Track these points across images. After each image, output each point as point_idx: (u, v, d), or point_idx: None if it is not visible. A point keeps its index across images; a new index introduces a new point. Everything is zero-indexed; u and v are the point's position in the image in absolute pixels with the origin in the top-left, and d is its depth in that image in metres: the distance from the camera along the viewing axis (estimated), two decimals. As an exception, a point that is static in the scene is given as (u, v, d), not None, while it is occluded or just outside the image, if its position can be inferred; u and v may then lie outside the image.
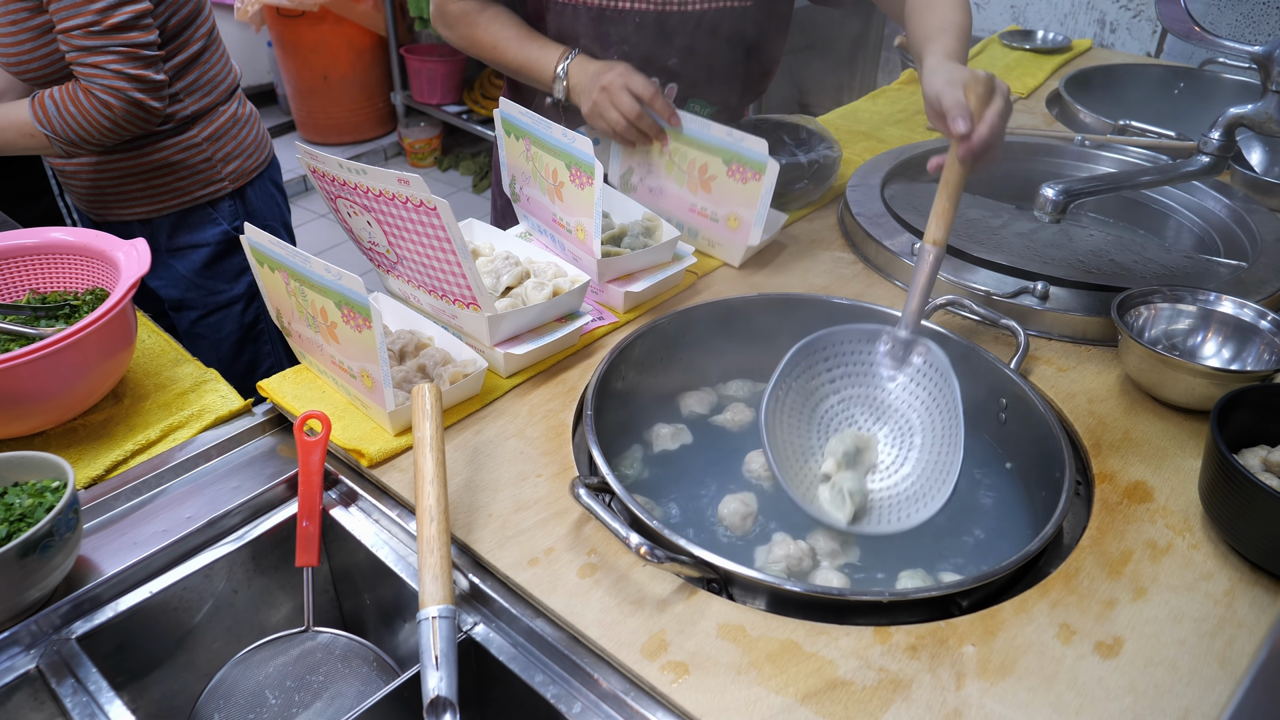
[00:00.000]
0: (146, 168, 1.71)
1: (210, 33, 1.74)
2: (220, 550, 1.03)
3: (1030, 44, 2.60)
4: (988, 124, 1.08)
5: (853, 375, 1.14)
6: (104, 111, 1.52)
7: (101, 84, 1.50)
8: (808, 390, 1.13)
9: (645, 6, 1.47)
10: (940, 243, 1.09)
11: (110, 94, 1.50)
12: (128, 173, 1.71)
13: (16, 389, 1.05)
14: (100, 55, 1.49)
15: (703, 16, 1.49)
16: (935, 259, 1.09)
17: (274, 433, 1.18)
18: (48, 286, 1.29)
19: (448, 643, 0.80)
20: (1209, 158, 1.28)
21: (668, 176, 1.47)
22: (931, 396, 1.10)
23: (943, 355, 1.09)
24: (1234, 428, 1.01)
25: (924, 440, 1.09)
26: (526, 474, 1.05)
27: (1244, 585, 0.92)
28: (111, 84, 1.50)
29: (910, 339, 1.12)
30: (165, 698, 1.02)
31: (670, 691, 0.81)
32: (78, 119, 1.52)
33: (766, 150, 1.31)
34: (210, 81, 1.73)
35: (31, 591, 0.90)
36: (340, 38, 4.57)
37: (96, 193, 1.74)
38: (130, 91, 1.52)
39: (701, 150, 1.40)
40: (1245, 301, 1.21)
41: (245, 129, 1.83)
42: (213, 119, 1.75)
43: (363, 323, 1.01)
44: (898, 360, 1.13)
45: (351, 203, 1.16)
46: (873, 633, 0.86)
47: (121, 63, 1.50)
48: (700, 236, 1.48)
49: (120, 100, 1.51)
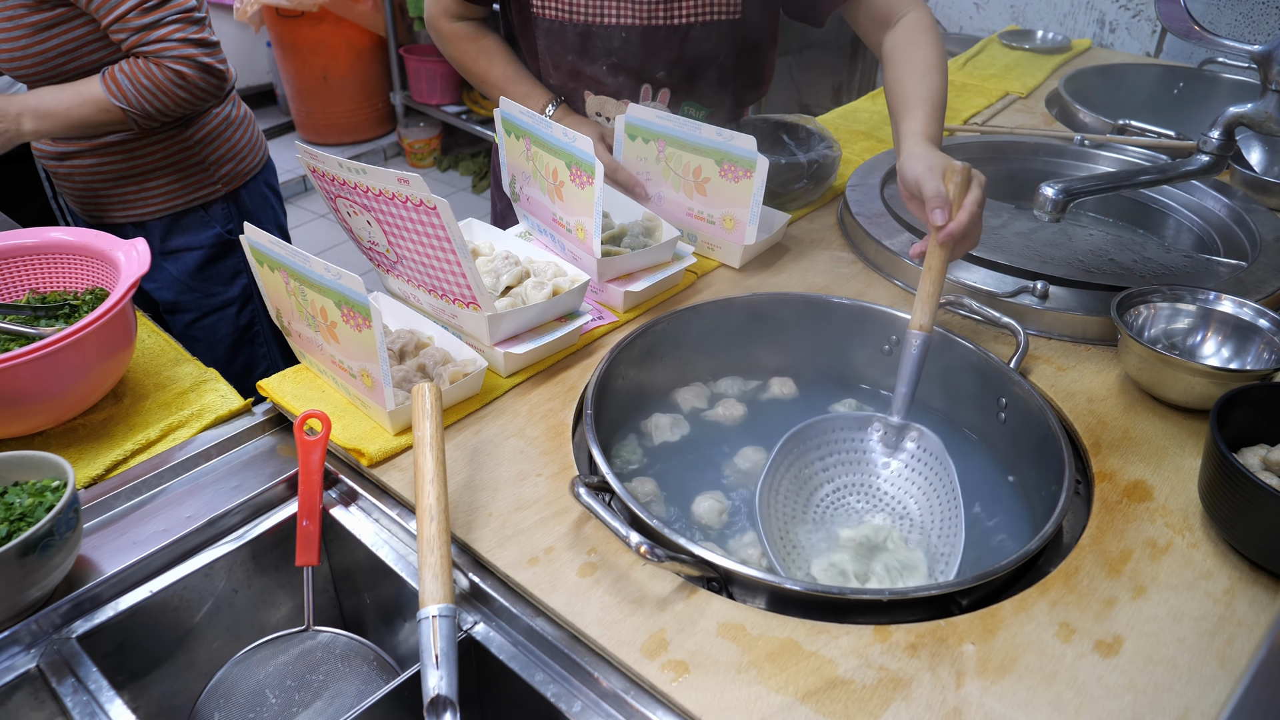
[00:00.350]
0: (140, 169, 1.71)
1: None
2: (220, 550, 1.03)
3: (1030, 44, 2.61)
4: (966, 211, 1.13)
5: (846, 463, 1.13)
6: (178, 81, 1.55)
7: (173, 54, 1.53)
8: (801, 479, 1.11)
9: (631, 21, 1.47)
10: (927, 329, 1.10)
11: (182, 63, 1.54)
12: (121, 174, 1.71)
13: (16, 389, 1.05)
14: (162, 28, 1.52)
15: (689, 30, 1.49)
16: (923, 345, 1.10)
17: (274, 432, 1.18)
18: (47, 286, 1.29)
19: (448, 642, 0.80)
20: (1208, 157, 1.28)
21: (665, 182, 1.46)
22: (928, 481, 1.08)
23: (936, 439, 1.08)
24: (1233, 427, 1.01)
25: (924, 526, 1.07)
26: (526, 473, 1.05)
27: (1243, 584, 0.92)
28: (181, 53, 1.54)
29: (902, 425, 1.11)
30: (165, 697, 1.02)
31: (670, 690, 0.81)
32: (154, 92, 1.55)
33: (755, 147, 1.31)
34: None
35: (32, 591, 0.90)
36: (339, 38, 4.57)
37: (90, 195, 1.74)
38: (200, 57, 1.56)
39: (694, 153, 1.39)
40: (1245, 300, 1.21)
41: (239, 131, 1.83)
42: (206, 120, 1.75)
43: (362, 322, 1.01)
44: (891, 446, 1.12)
45: (351, 202, 1.16)
46: (873, 631, 0.86)
47: (184, 28, 1.54)
48: (700, 240, 1.48)
49: (193, 68, 1.55)
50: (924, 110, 1.32)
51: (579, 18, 1.46)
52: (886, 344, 1.29)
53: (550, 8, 1.47)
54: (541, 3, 1.48)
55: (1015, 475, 1.17)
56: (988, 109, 2.20)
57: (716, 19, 1.49)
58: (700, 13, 1.48)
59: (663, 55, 1.51)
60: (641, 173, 1.48)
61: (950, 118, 2.13)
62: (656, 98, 1.54)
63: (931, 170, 1.17)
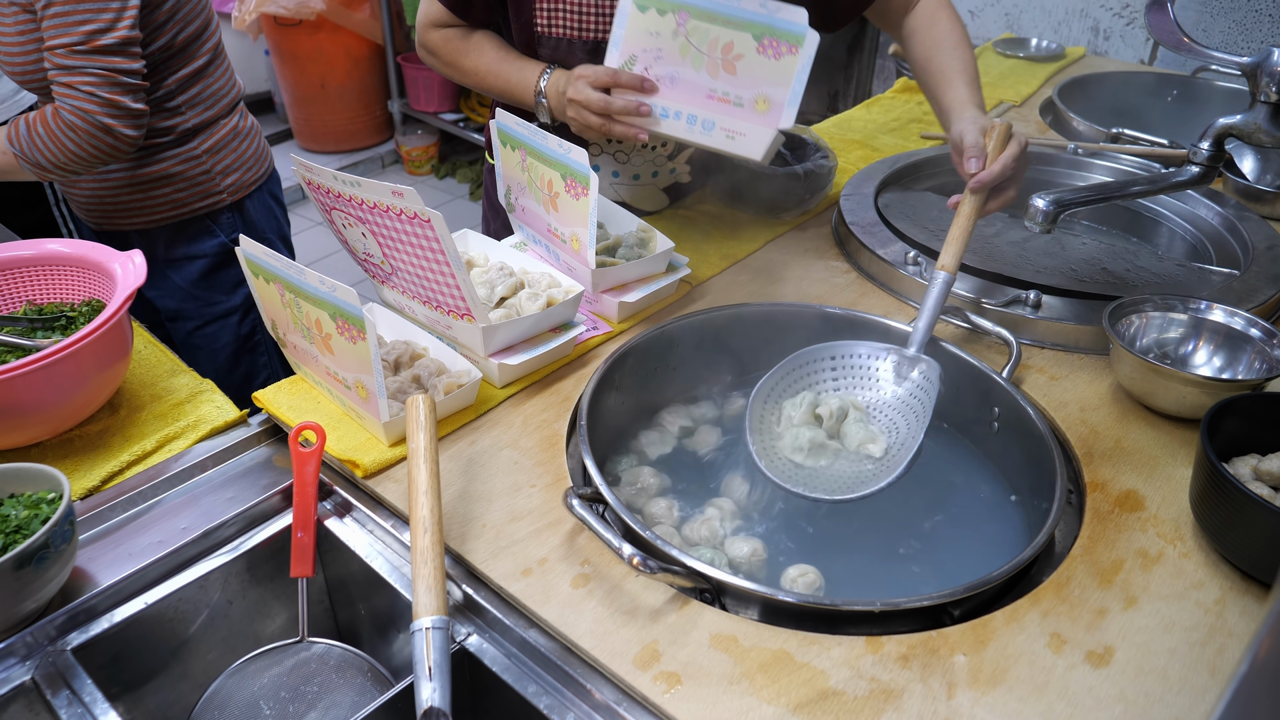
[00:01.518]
0: (146, 179, 1.71)
1: (216, 47, 1.75)
2: (215, 561, 1.04)
3: (1024, 52, 2.62)
4: (1000, 163, 1.21)
5: (856, 382, 1.20)
6: (69, 134, 1.49)
7: (71, 104, 1.48)
8: (805, 384, 1.19)
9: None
10: (949, 268, 1.17)
11: (77, 115, 1.48)
12: (126, 183, 1.71)
13: (13, 400, 1.05)
14: (76, 75, 1.47)
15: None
16: (944, 283, 1.17)
17: (269, 444, 1.19)
18: (44, 298, 1.30)
19: (441, 653, 0.80)
20: (1199, 168, 1.29)
21: (683, 62, 1.31)
22: (921, 405, 1.13)
23: (937, 368, 1.14)
24: (1224, 436, 1.01)
25: (897, 436, 1.13)
26: (520, 484, 1.05)
27: (1234, 594, 0.93)
28: (80, 105, 1.48)
29: (915, 357, 1.17)
30: (160, 708, 1.03)
31: (663, 702, 0.81)
32: (45, 141, 1.50)
33: (805, 20, 1.22)
34: (213, 95, 1.74)
35: (27, 603, 0.91)
36: (337, 46, 4.58)
37: (96, 202, 1.75)
38: (98, 115, 1.48)
39: (727, 26, 1.25)
40: (1236, 310, 1.22)
41: (246, 142, 1.83)
42: (214, 131, 1.76)
43: (357, 334, 1.01)
44: (901, 376, 1.18)
45: (346, 214, 1.16)
46: (864, 642, 0.86)
47: (96, 85, 1.48)
48: (718, 129, 1.32)
49: (85, 124, 1.48)
50: (964, 80, 1.38)
51: (588, 34, 1.43)
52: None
53: (558, 26, 1.44)
54: (547, 21, 1.44)
55: (1007, 484, 1.17)
56: (982, 117, 2.20)
57: None
58: None
59: None
60: (650, 50, 1.32)
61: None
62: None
63: (974, 126, 1.25)
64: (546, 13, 1.43)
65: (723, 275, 1.48)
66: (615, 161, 1.57)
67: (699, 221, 1.65)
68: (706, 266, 1.50)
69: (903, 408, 1.15)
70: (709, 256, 1.53)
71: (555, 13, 1.42)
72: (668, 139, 1.40)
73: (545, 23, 1.44)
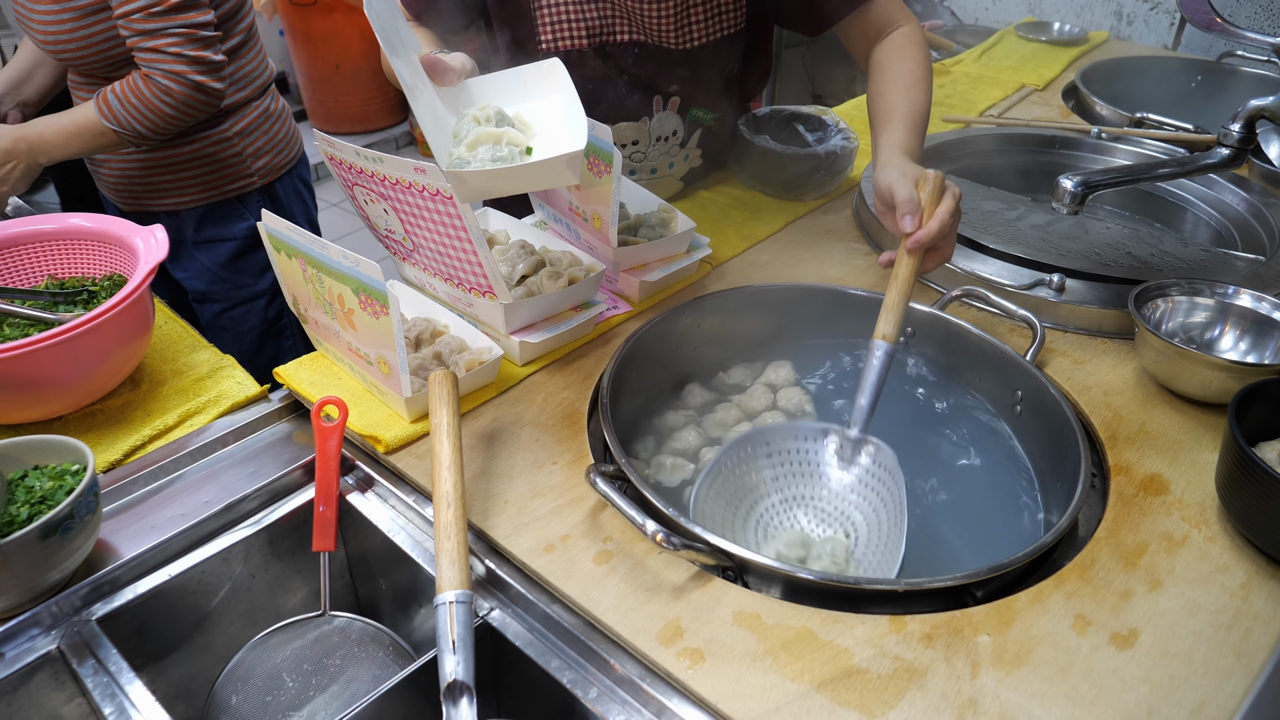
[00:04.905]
0: (177, 160, 1.71)
1: (250, 27, 1.74)
2: (238, 535, 1.04)
3: (1046, 36, 2.59)
4: (937, 220, 1.10)
5: (796, 475, 1.09)
6: (165, 99, 1.52)
7: (162, 69, 1.50)
8: (746, 487, 1.07)
9: (642, 38, 1.43)
10: (891, 339, 1.06)
11: (171, 79, 1.51)
12: (158, 164, 1.71)
13: (36, 374, 1.06)
14: (160, 38, 1.49)
15: (700, 50, 1.46)
16: (886, 354, 1.06)
17: (290, 419, 1.19)
18: (66, 272, 1.30)
19: (464, 627, 0.80)
20: (1229, 150, 1.28)
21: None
22: (879, 496, 1.05)
23: (891, 454, 1.05)
24: (1251, 421, 1.00)
25: (867, 540, 1.03)
26: (542, 461, 1.05)
27: (1260, 578, 0.92)
28: (172, 68, 1.51)
29: (860, 438, 1.07)
30: (184, 679, 1.03)
31: (686, 678, 0.81)
32: (141, 110, 1.52)
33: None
34: (247, 75, 1.73)
35: (52, 573, 0.91)
36: (352, 27, 4.57)
37: (125, 182, 1.75)
38: (190, 75, 1.52)
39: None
40: (1263, 295, 1.21)
41: (277, 124, 1.83)
42: (246, 113, 1.75)
43: (380, 309, 1.01)
44: (846, 460, 1.08)
45: (369, 190, 1.16)
46: (888, 621, 0.86)
47: (181, 44, 1.50)
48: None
49: (181, 85, 1.52)
50: (904, 125, 1.29)
51: (594, 40, 1.41)
52: (901, 335, 1.29)
53: (563, 39, 1.40)
54: (552, 36, 1.40)
55: (1031, 467, 1.17)
56: (1004, 101, 2.19)
57: (725, 34, 1.47)
58: (710, 32, 1.46)
59: (676, 72, 1.48)
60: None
61: (965, 109, 2.12)
62: (667, 106, 1.53)
63: (905, 177, 1.15)
64: (551, 28, 1.40)
65: (743, 256, 1.48)
66: (632, 161, 1.56)
67: (719, 202, 1.65)
68: (727, 247, 1.49)
69: (856, 499, 1.07)
70: (729, 237, 1.52)
71: (560, 25, 1.39)
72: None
73: (550, 38, 1.40)
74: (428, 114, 1.06)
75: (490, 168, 1.01)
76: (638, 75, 1.47)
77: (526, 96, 1.14)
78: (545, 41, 1.41)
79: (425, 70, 1.10)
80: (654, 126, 1.52)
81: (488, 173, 1.00)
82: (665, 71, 1.47)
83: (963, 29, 3.07)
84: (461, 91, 1.13)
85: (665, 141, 1.56)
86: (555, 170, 1.01)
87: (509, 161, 1.04)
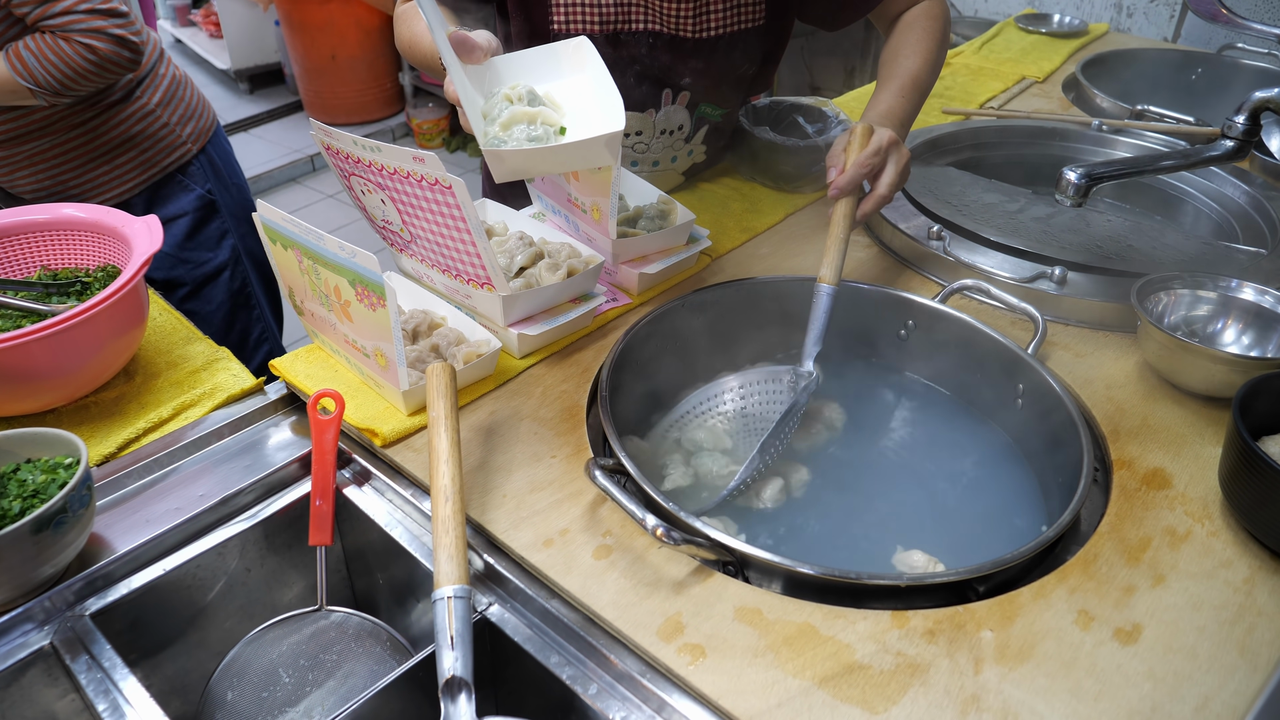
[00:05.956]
0: (108, 147, 1.67)
1: None
2: (233, 529, 1.03)
3: (1046, 27, 2.58)
4: (855, 166, 1.19)
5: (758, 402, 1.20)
6: (89, 55, 1.47)
7: (81, 27, 1.46)
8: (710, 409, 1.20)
9: (659, 28, 1.42)
10: (829, 280, 1.15)
11: (92, 36, 1.47)
12: (90, 155, 1.67)
13: (29, 366, 1.04)
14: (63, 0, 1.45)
15: (717, 41, 1.45)
16: (828, 296, 1.15)
17: (286, 412, 1.18)
18: (59, 263, 1.29)
19: (463, 623, 0.79)
20: (1233, 142, 1.27)
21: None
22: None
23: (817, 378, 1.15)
24: (1255, 415, 1.00)
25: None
26: (541, 455, 1.04)
27: (1264, 573, 0.92)
28: (90, 25, 1.46)
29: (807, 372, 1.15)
30: (178, 675, 1.02)
31: (687, 674, 0.80)
32: (61, 67, 1.47)
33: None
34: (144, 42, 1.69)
35: (45, 568, 0.90)
36: (348, 17, 4.55)
37: (59, 186, 1.69)
38: (111, 29, 1.48)
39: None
40: (1266, 288, 1.20)
41: (186, 89, 1.80)
42: (158, 81, 1.72)
43: (377, 301, 1.00)
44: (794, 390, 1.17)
45: (366, 180, 1.15)
46: (890, 617, 0.85)
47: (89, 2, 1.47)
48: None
49: (104, 40, 1.47)
50: (890, 90, 1.37)
51: (608, 27, 1.39)
52: (903, 328, 1.28)
53: (576, 22, 1.38)
54: (565, 18, 1.38)
55: (1032, 462, 1.16)
56: (1004, 93, 2.18)
57: (743, 28, 1.46)
58: (728, 24, 1.45)
59: (689, 64, 1.47)
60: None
61: (966, 101, 2.11)
62: (676, 100, 1.51)
63: (846, 134, 1.25)
64: (564, 10, 1.38)
65: (743, 248, 1.47)
66: (635, 152, 1.55)
67: (719, 194, 1.63)
68: (726, 239, 1.48)
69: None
70: (729, 229, 1.51)
71: (574, 8, 1.38)
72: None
73: (563, 20, 1.39)
74: (465, 92, 1.06)
75: (528, 147, 1.01)
76: (650, 66, 1.45)
77: (555, 75, 1.14)
78: (558, 24, 1.39)
79: (454, 47, 1.09)
80: (660, 119, 1.51)
81: (526, 152, 1.01)
82: (678, 64, 1.46)
83: (963, 21, 3.05)
84: (488, 70, 1.13)
85: (670, 135, 1.55)
86: (593, 151, 1.02)
87: (544, 141, 1.04)
